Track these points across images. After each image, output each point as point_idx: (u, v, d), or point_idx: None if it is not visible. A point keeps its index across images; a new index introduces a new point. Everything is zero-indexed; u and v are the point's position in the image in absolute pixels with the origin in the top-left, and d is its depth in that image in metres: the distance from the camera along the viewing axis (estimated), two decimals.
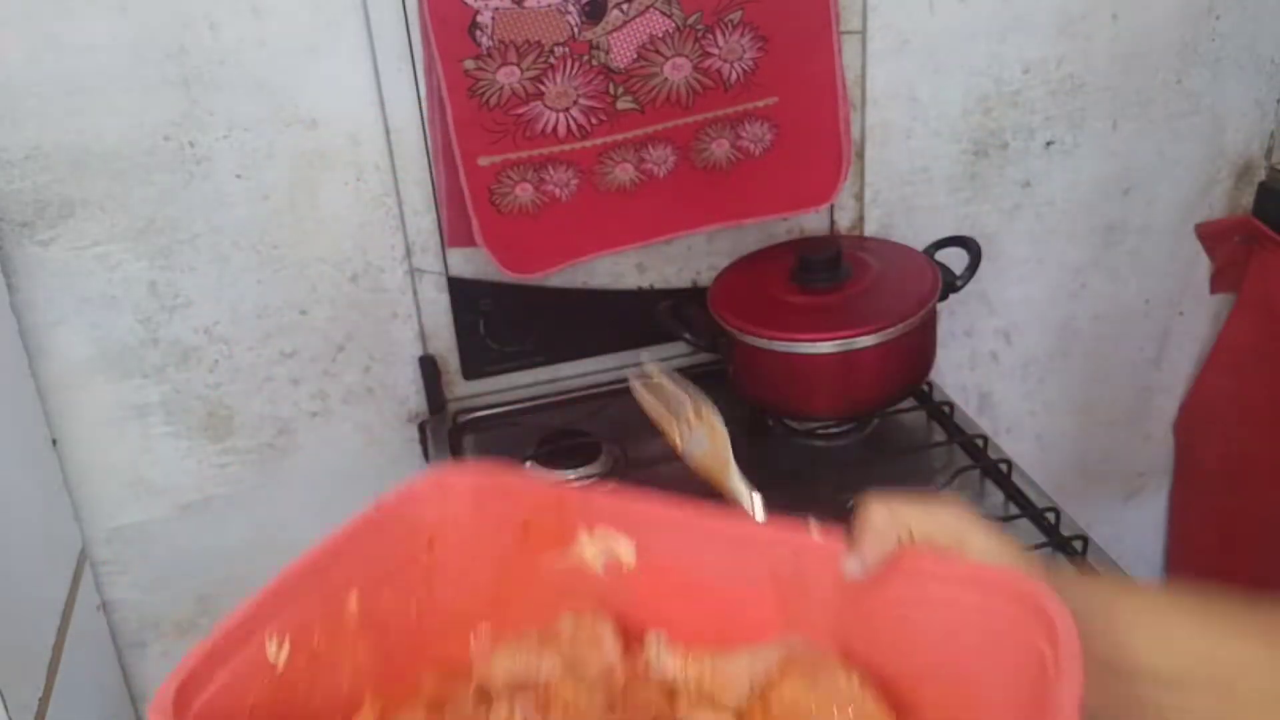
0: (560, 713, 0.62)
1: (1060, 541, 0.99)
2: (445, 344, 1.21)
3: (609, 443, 1.15)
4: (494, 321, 1.20)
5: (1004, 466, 1.08)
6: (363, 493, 1.32)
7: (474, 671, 0.66)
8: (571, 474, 1.12)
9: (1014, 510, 1.04)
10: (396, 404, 1.23)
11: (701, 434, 0.69)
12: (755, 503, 0.66)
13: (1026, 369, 1.43)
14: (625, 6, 1.06)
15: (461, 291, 1.18)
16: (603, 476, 1.12)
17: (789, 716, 0.61)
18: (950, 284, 1.14)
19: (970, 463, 1.10)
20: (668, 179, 1.15)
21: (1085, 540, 0.98)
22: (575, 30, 1.06)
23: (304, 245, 1.13)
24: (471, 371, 1.22)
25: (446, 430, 1.21)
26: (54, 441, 1.14)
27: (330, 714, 0.62)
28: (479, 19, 1.03)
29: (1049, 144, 1.29)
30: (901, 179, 1.26)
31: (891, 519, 0.60)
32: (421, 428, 1.23)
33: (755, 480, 0.68)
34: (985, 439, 1.12)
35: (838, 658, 0.63)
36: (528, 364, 1.23)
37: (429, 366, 1.21)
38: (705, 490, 0.68)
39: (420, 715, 0.63)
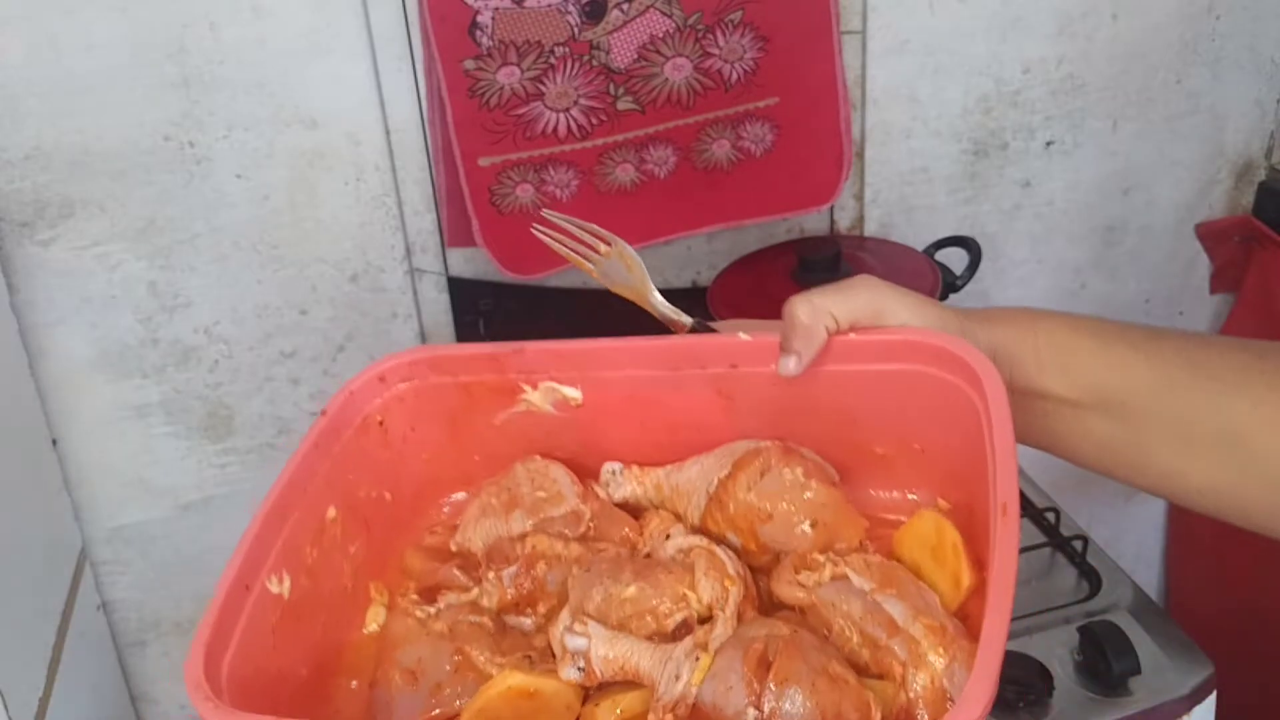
0: (542, 565, 0.65)
1: (1060, 541, 0.99)
2: (445, 344, 1.21)
3: None
4: (494, 321, 1.20)
5: None
6: None
7: (453, 543, 0.69)
8: None
9: None
10: None
11: (616, 262, 0.75)
12: (680, 314, 0.70)
13: None
14: (625, 6, 1.06)
15: (461, 291, 1.18)
16: None
17: (744, 515, 0.64)
18: (950, 284, 1.14)
19: None
20: (668, 179, 1.15)
21: (1085, 540, 0.98)
22: (575, 30, 1.06)
23: (304, 245, 1.13)
24: None
25: None
26: (54, 441, 1.14)
27: (345, 613, 0.65)
28: (479, 19, 1.03)
29: (1049, 144, 1.29)
30: (901, 179, 1.26)
31: (814, 311, 0.63)
32: None
33: None
34: None
35: (780, 451, 0.66)
36: None
37: None
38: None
39: (419, 598, 0.66)
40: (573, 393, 0.69)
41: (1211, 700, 0.90)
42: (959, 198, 1.29)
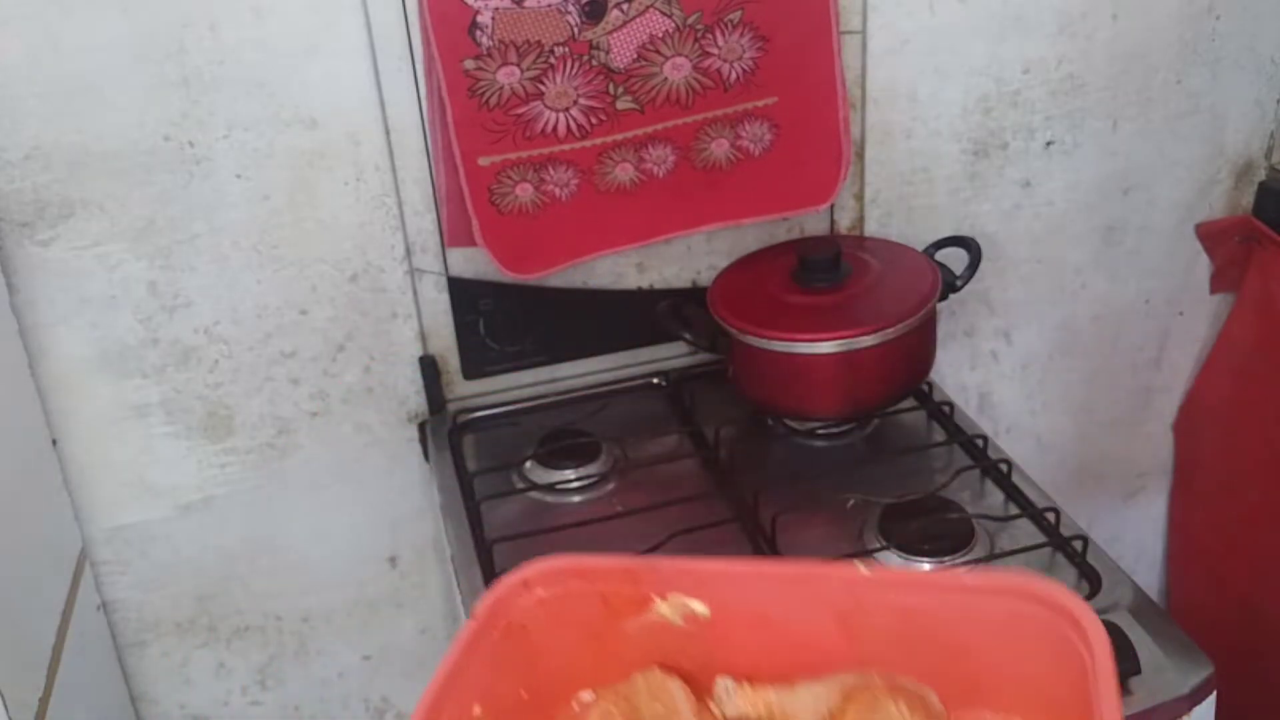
0: None
1: (1060, 541, 0.99)
2: (445, 344, 1.21)
3: (609, 443, 1.15)
4: (494, 321, 1.20)
5: (1004, 466, 1.07)
6: (363, 493, 1.33)
7: None
8: (572, 473, 1.12)
9: (1014, 510, 1.04)
10: (396, 404, 1.23)
11: None
12: None
13: (1026, 369, 1.43)
14: (625, 6, 1.06)
15: (461, 291, 1.18)
16: (602, 477, 1.12)
17: None
18: (950, 284, 1.14)
19: (970, 463, 1.10)
20: (668, 179, 1.15)
21: (1085, 540, 0.98)
22: (575, 30, 1.06)
23: (304, 245, 1.13)
24: (471, 371, 1.23)
25: (446, 430, 1.21)
26: (54, 441, 1.14)
27: None
28: (479, 19, 1.03)
29: (1049, 144, 1.29)
30: (901, 179, 1.26)
31: None
32: (421, 428, 1.23)
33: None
34: (985, 439, 1.12)
35: (886, 685, 0.69)
36: (528, 364, 1.23)
37: (429, 366, 1.21)
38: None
39: None
40: (700, 608, 0.73)
41: (1211, 700, 0.90)
42: (959, 198, 1.29)
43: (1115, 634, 0.89)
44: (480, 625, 0.69)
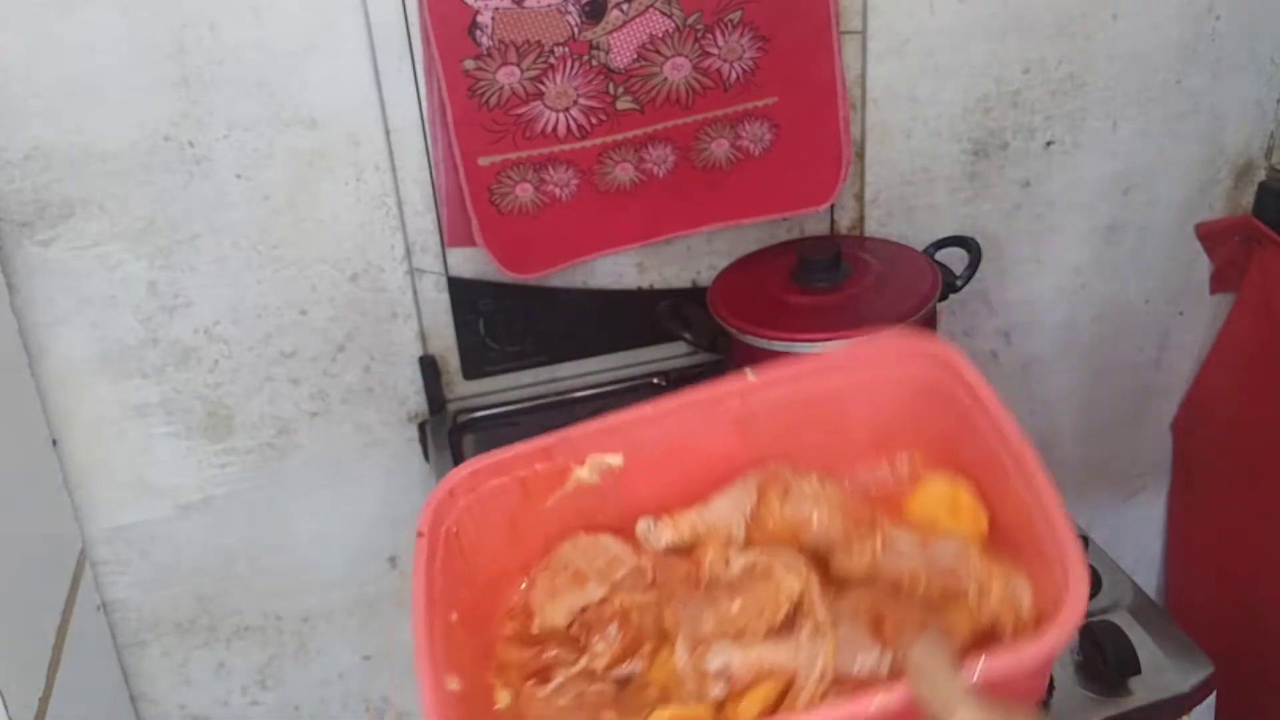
0: (635, 614, 0.73)
1: None
2: (445, 344, 1.21)
3: None
4: (494, 321, 1.20)
5: None
6: (363, 493, 1.33)
7: (535, 627, 0.75)
8: None
9: None
10: (396, 404, 1.23)
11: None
12: None
13: (1026, 369, 1.43)
14: (625, 6, 1.06)
15: (461, 291, 1.18)
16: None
17: (784, 528, 0.74)
18: (950, 284, 1.14)
19: None
20: (668, 179, 1.15)
21: (1085, 540, 0.98)
22: (575, 30, 1.06)
23: (304, 245, 1.13)
24: (471, 371, 1.23)
25: (446, 430, 1.21)
26: (54, 441, 1.14)
27: (486, 703, 0.73)
28: (479, 19, 1.03)
29: (1049, 144, 1.29)
30: (901, 179, 1.26)
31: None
32: (421, 428, 1.23)
33: None
34: None
35: (790, 470, 0.77)
36: (528, 364, 1.23)
37: (429, 366, 1.21)
38: None
39: (536, 684, 0.72)
40: (615, 460, 0.78)
41: (1211, 700, 0.90)
42: (959, 198, 1.29)
43: (1115, 634, 0.89)
44: (426, 541, 0.72)
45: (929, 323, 1.12)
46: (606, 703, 0.69)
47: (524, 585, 0.78)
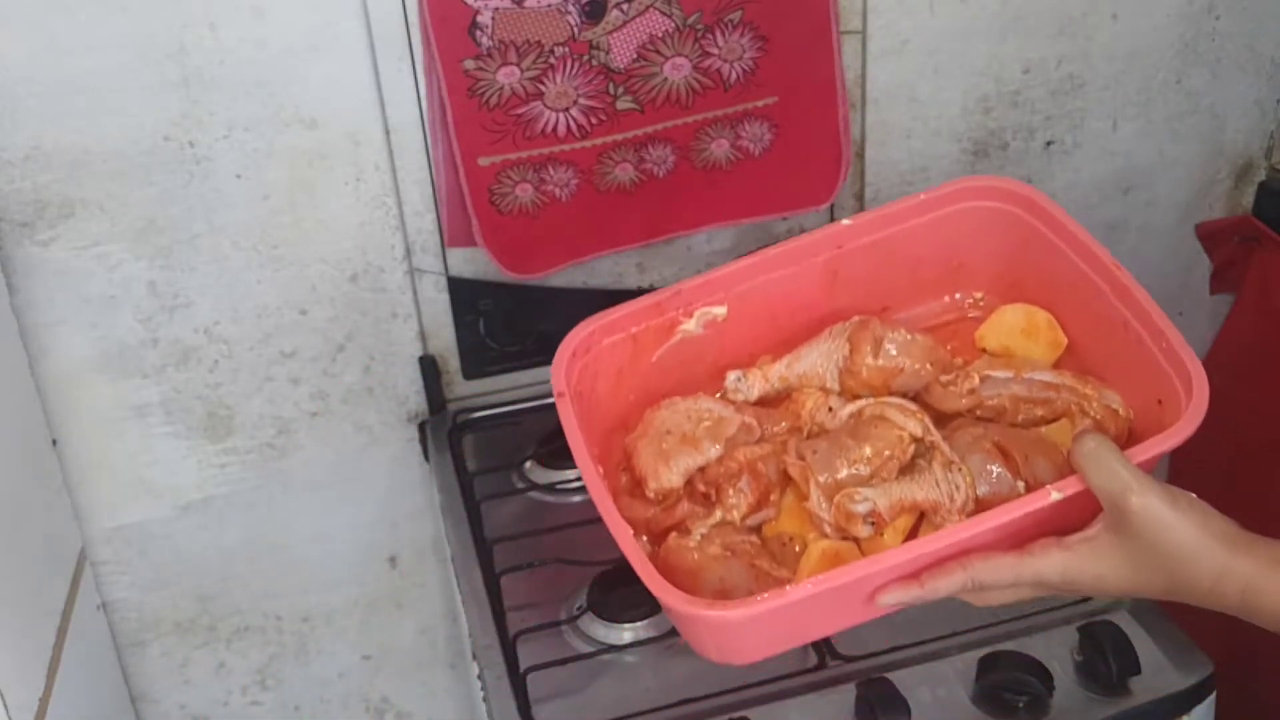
0: (760, 465, 0.78)
1: None
2: (445, 344, 1.21)
3: None
4: (494, 321, 1.20)
5: None
6: (363, 493, 1.33)
7: (650, 490, 0.79)
8: (571, 473, 1.12)
9: None
10: (396, 404, 1.23)
11: None
12: None
13: None
14: (625, 6, 1.06)
15: (461, 291, 1.18)
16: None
17: (878, 376, 0.81)
18: None
19: None
20: (667, 179, 1.15)
21: None
22: (575, 30, 1.06)
23: (304, 245, 1.13)
24: (471, 371, 1.23)
25: (446, 430, 1.21)
26: (54, 441, 1.14)
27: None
28: (479, 19, 1.03)
29: (1049, 144, 1.29)
30: (901, 179, 1.26)
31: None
32: (421, 428, 1.23)
33: None
34: None
35: (879, 322, 0.82)
36: (528, 364, 1.23)
37: (429, 366, 1.21)
38: None
39: (676, 536, 0.77)
40: (720, 310, 0.84)
41: (1211, 700, 0.90)
42: None
43: (1115, 634, 0.89)
44: (561, 398, 0.77)
45: None
46: (757, 551, 0.75)
47: (626, 447, 0.82)
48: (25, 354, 1.09)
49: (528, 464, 1.15)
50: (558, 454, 1.14)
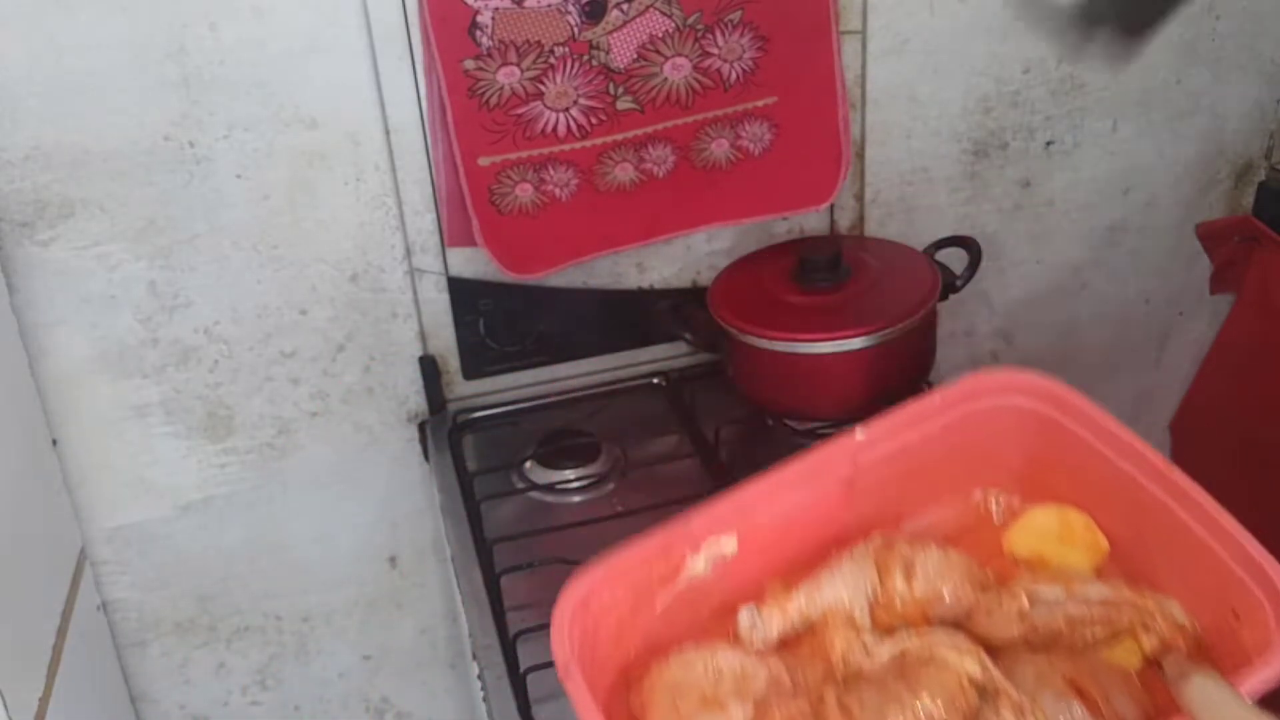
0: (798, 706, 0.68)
1: None
2: (445, 344, 1.21)
3: (609, 443, 1.15)
4: (494, 321, 1.20)
5: None
6: (363, 493, 1.33)
7: None
8: (571, 473, 1.12)
9: None
10: (396, 404, 1.23)
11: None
12: None
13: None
14: (625, 6, 1.06)
15: (461, 291, 1.18)
16: (602, 477, 1.12)
17: (915, 606, 0.72)
18: (950, 284, 1.14)
19: None
20: (667, 179, 1.15)
21: None
22: (575, 30, 1.06)
23: (304, 245, 1.13)
24: (471, 371, 1.23)
25: (446, 430, 1.21)
26: (54, 441, 1.14)
27: None
28: (479, 19, 1.03)
29: (1049, 144, 1.29)
30: (901, 179, 1.26)
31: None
32: (421, 428, 1.23)
33: None
34: None
35: (906, 541, 0.75)
36: (528, 364, 1.23)
37: (429, 366, 1.21)
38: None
39: None
40: (730, 546, 0.74)
41: None
42: (959, 198, 1.29)
43: None
44: (568, 676, 0.67)
45: (929, 323, 1.12)
46: None
47: (633, 710, 0.72)
48: (25, 354, 1.09)
49: (528, 464, 1.15)
50: (558, 454, 1.14)
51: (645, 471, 1.12)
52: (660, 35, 1.08)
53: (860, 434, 0.77)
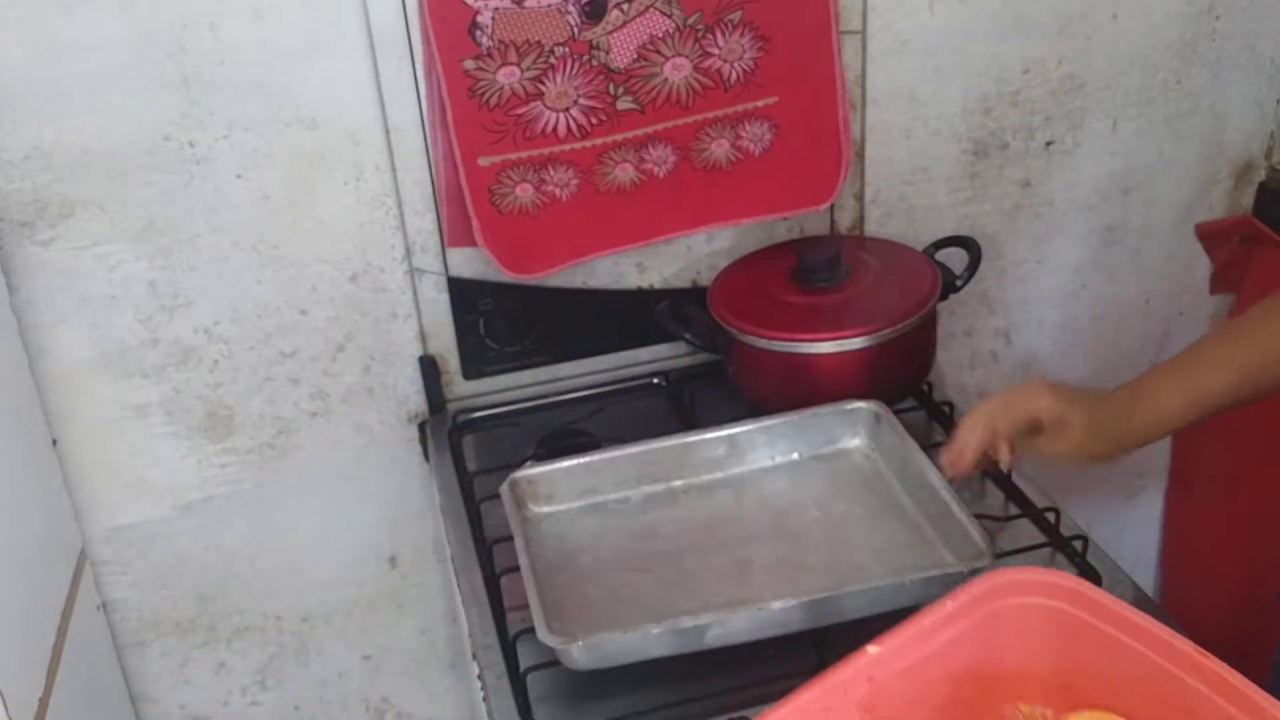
0: None
1: (1060, 541, 0.99)
2: (445, 344, 1.21)
3: (609, 443, 1.15)
4: (494, 321, 1.20)
5: None
6: (363, 493, 1.33)
7: None
8: None
9: (1014, 510, 1.04)
10: (396, 404, 1.23)
11: None
12: None
13: (1026, 369, 1.43)
14: (625, 6, 1.06)
15: (461, 291, 1.18)
16: None
17: None
18: (950, 284, 1.14)
19: None
20: (668, 179, 1.15)
21: (1085, 540, 0.98)
22: (575, 30, 1.06)
23: (304, 245, 1.13)
24: (471, 371, 1.23)
25: (446, 430, 1.21)
26: (54, 441, 1.14)
27: None
28: (479, 19, 1.03)
29: (1049, 144, 1.29)
30: (901, 179, 1.26)
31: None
32: (421, 428, 1.23)
33: None
34: None
35: None
36: (528, 364, 1.23)
37: (429, 366, 1.21)
38: None
39: None
40: None
41: None
42: (959, 198, 1.29)
43: None
44: None
45: (929, 323, 1.12)
46: None
47: None
48: (25, 354, 1.09)
49: (528, 464, 1.14)
50: (558, 454, 1.14)
51: None
52: (660, 35, 1.08)
53: (873, 649, 0.72)
